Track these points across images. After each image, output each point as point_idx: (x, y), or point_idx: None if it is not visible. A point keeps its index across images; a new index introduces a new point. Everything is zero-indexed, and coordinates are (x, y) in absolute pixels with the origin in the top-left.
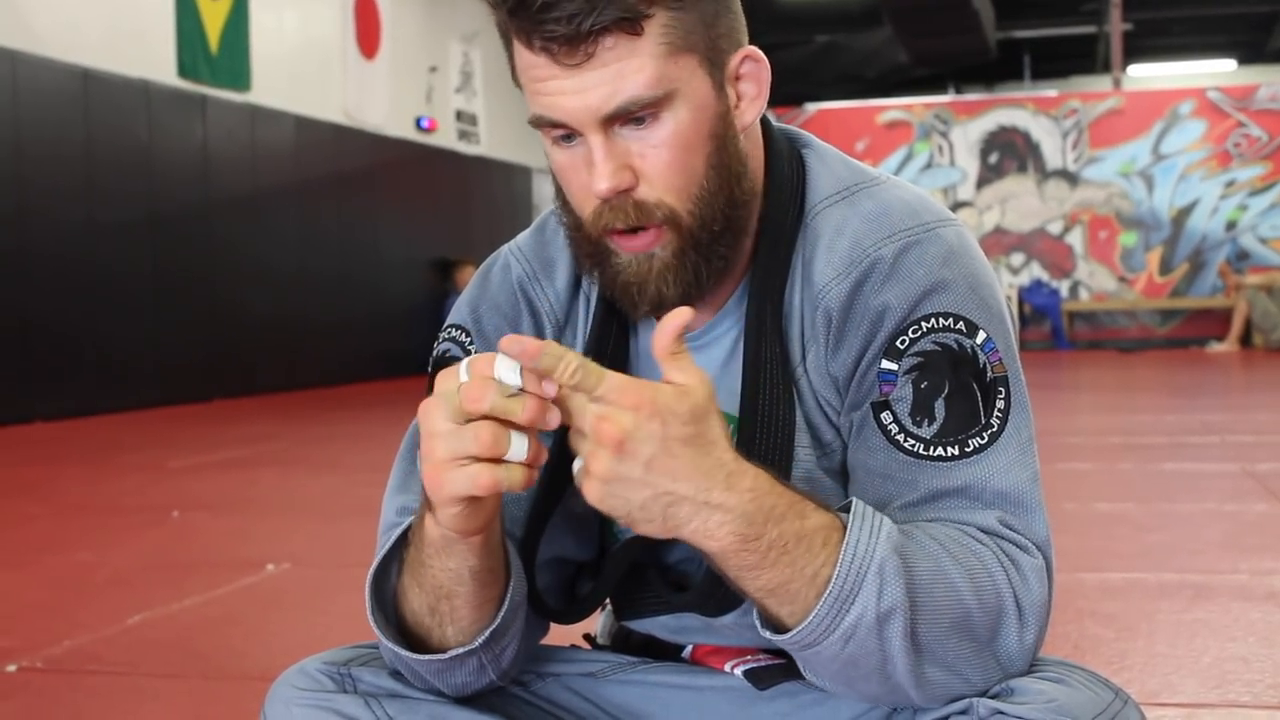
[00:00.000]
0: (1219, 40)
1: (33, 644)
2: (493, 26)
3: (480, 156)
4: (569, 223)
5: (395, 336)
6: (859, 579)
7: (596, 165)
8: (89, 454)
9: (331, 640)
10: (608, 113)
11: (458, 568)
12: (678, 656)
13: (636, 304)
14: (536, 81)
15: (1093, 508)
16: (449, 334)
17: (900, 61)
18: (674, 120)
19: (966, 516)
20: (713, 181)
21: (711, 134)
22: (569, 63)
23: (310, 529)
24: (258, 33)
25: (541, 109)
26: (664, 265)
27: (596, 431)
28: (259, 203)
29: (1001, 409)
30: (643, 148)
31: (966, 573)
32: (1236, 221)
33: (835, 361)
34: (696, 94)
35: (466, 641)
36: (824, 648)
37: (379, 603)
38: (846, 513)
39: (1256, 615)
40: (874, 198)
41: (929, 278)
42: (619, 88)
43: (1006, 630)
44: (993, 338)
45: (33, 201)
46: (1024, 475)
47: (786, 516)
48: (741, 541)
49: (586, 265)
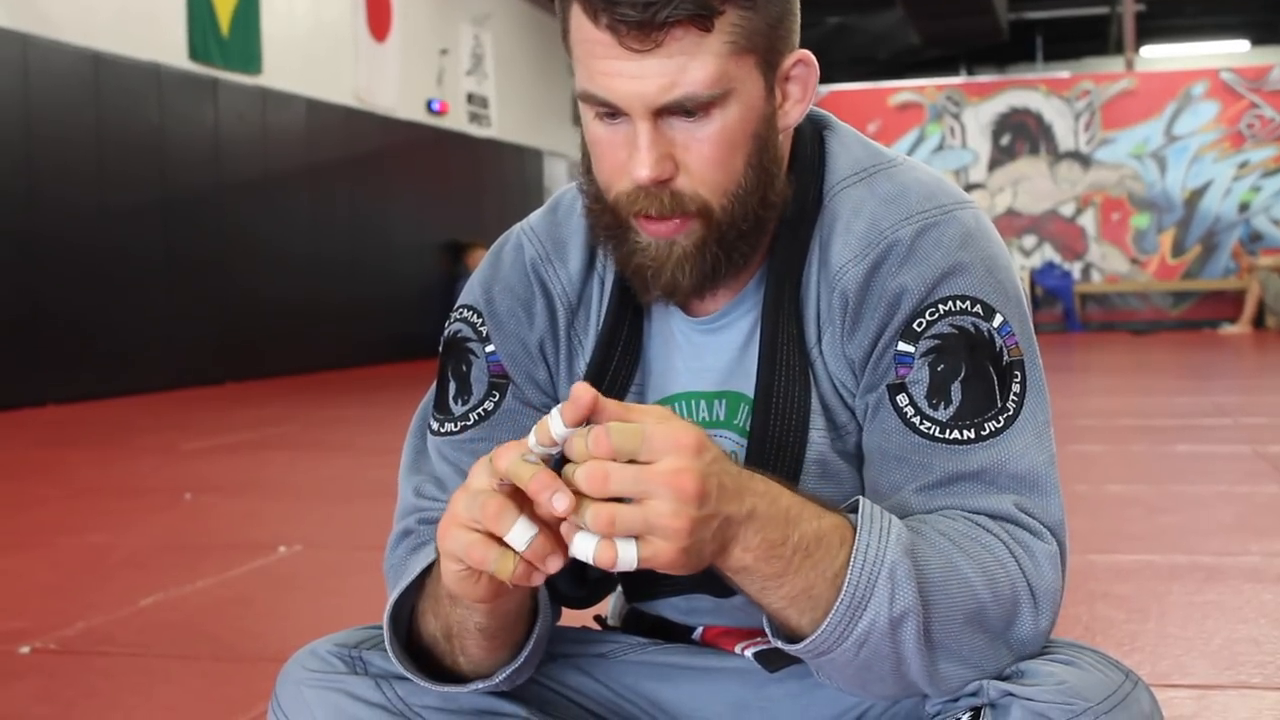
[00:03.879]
0: (1232, 21)
1: (46, 625)
2: (502, 9)
3: (491, 139)
4: (591, 193)
5: (407, 319)
6: (870, 585)
7: (640, 152)
8: (101, 437)
9: (343, 622)
10: (663, 104)
11: (462, 619)
12: (688, 638)
13: (649, 287)
14: (594, 58)
15: (1104, 490)
16: (460, 314)
17: (912, 43)
18: (723, 118)
19: (982, 501)
20: (750, 181)
21: (755, 134)
22: (634, 47)
23: (322, 511)
24: (269, 15)
25: (594, 86)
26: (684, 253)
27: (674, 487)
28: (270, 186)
29: (1017, 393)
30: (688, 140)
31: (979, 567)
32: (1249, 203)
33: (851, 344)
34: (749, 95)
35: (483, 674)
36: (838, 655)
37: (395, 618)
38: (853, 513)
39: (1268, 597)
40: (891, 179)
41: (946, 260)
42: (679, 81)
43: (1021, 619)
44: (1009, 321)
45: (44, 185)
46: (1040, 458)
47: (803, 517)
48: (769, 548)
49: (602, 238)
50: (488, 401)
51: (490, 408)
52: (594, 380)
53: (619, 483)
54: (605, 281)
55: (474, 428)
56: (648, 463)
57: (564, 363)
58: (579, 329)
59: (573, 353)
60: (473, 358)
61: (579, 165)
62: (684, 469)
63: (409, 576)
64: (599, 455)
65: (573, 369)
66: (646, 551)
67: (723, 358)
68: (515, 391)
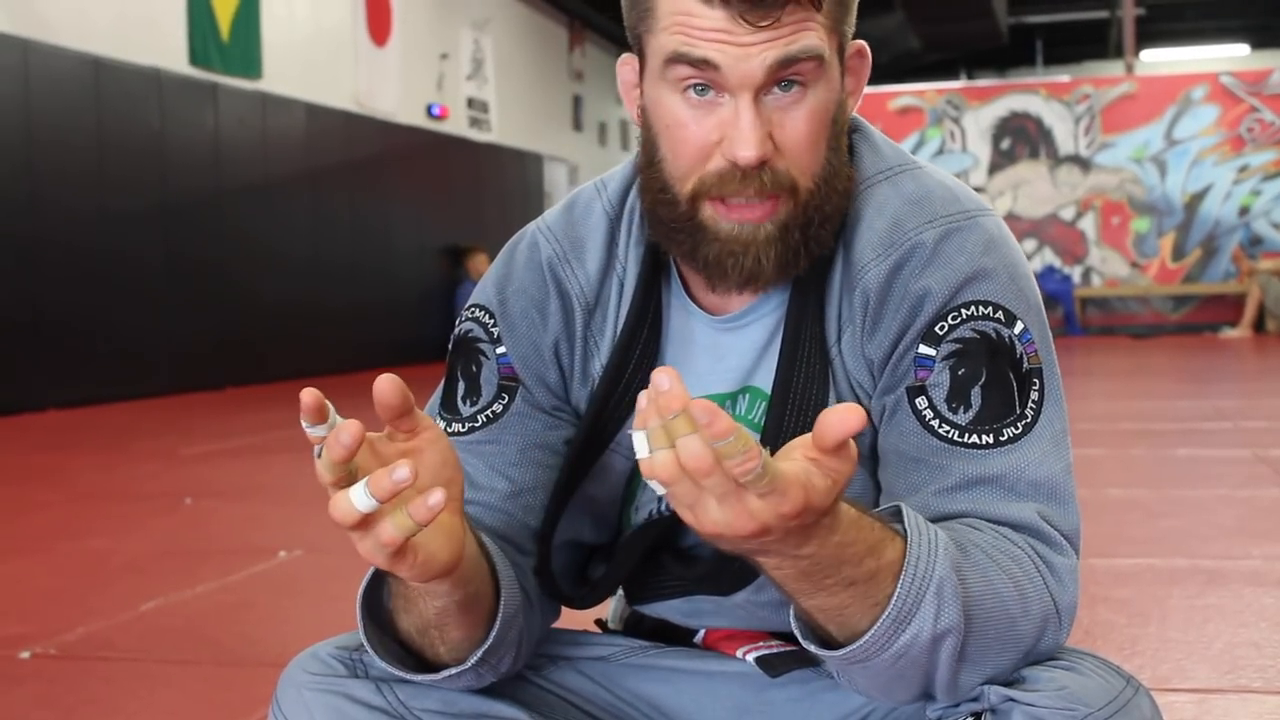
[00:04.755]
0: (1232, 25)
1: (47, 630)
2: (503, 14)
3: (491, 143)
4: (654, 186)
5: (407, 323)
6: (918, 599)
7: (743, 130)
8: (102, 441)
9: (343, 626)
10: (777, 59)
11: (444, 605)
12: (690, 641)
13: (729, 274)
14: (698, 29)
15: (1105, 493)
16: (471, 313)
17: (912, 47)
18: (814, 97)
19: (1003, 508)
20: (831, 164)
21: (834, 119)
22: (753, 21)
23: (322, 516)
24: (269, 20)
25: (702, 51)
26: (769, 237)
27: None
28: (271, 190)
29: (1036, 400)
30: (783, 119)
31: (1014, 585)
32: (1249, 207)
33: (871, 344)
34: (833, 77)
35: (461, 659)
36: (874, 664)
37: (372, 617)
38: (897, 520)
39: (1269, 601)
40: (916, 180)
41: (970, 265)
42: (793, 40)
43: (1047, 634)
44: (1030, 329)
45: (45, 190)
46: (1058, 467)
47: (864, 559)
48: (804, 577)
49: (666, 233)
50: (496, 404)
51: (499, 410)
52: (611, 381)
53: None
54: (624, 283)
55: (482, 429)
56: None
57: (579, 364)
58: (595, 330)
59: (588, 354)
60: (483, 359)
61: (636, 159)
62: (786, 497)
63: (371, 571)
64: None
65: (588, 370)
66: (708, 521)
67: (745, 356)
68: (525, 394)
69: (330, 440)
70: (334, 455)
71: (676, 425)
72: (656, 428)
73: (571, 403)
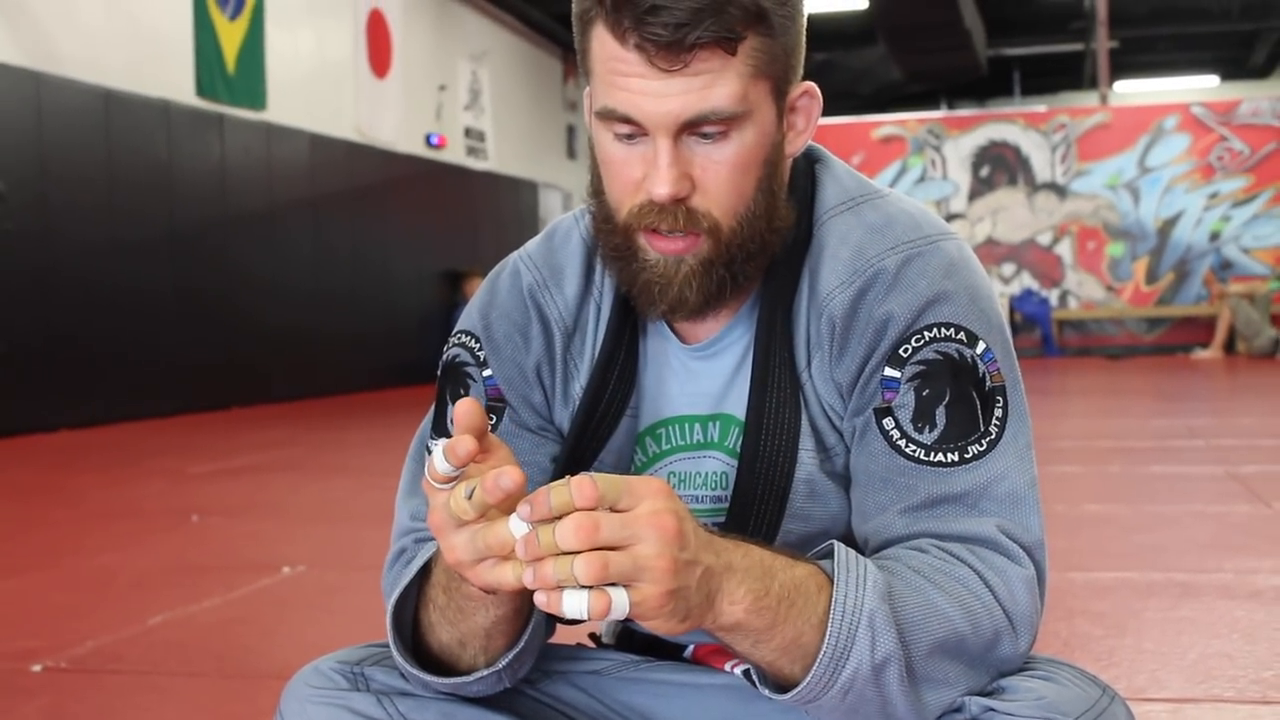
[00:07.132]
0: (1202, 57)
1: (57, 644)
2: (499, 46)
3: (488, 172)
4: (599, 215)
5: (406, 346)
6: (851, 634)
7: (660, 169)
8: (111, 461)
9: (345, 640)
10: (687, 118)
11: (504, 612)
12: (680, 655)
13: (655, 303)
14: (620, 76)
15: (1082, 509)
16: (459, 339)
17: (894, 79)
18: (740, 141)
19: (963, 525)
20: (759, 205)
21: (767, 160)
22: (662, 66)
23: (324, 532)
24: (273, 53)
25: (618, 104)
26: (690, 271)
27: (658, 527)
28: (275, 218)
29: (999, 417)
30: (705, 161)
31: (955, 600)
32: (1220, 232)
33: (839, 368)
34: (764, 120)
35: (491, 662)
36: (825, 702)
37: (398, 628)
38: (824, 559)
39: (1240, 613)
40: (878, 209)
41: (931, 289)
42: (704, 97)
43: (1001, 645)
44: (992, 348)
45: (57, 220)
46: (1022, 480)
47: (776, 567)
48: (755, 600)
49: (609, 258)
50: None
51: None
52: (590, 403)
53: (609, 529)
54: (601, 307)
55: None
56: (627, 510)
57: (560, 386)
58: (575, 353)
59: (569, 376)
60: (470, 382)
61: (586, 188)
62: (663, 510)
63: (405, 581)
64: (585, 505)
65: (569, 392)
66: (635, 597)
67: (717, 382)
68: (512, 415)
69: (490, 485)
70: (492, 499)
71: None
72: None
73: (555, 423)
